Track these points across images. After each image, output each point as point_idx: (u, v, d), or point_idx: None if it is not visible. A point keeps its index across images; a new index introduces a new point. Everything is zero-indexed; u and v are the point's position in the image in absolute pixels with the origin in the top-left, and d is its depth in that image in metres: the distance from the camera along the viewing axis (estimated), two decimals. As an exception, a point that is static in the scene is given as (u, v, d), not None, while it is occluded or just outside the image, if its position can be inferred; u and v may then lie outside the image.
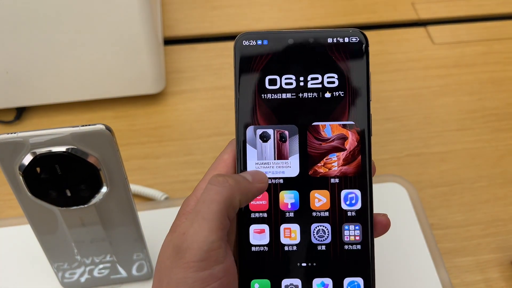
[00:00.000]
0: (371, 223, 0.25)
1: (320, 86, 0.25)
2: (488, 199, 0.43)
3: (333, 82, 0.25)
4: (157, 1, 0.51)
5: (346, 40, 0.25)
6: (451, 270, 0.38)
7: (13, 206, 0.41)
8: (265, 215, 0.25)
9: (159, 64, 0.46)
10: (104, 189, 0.29)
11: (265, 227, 0.25)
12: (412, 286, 0.36)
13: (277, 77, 0.25)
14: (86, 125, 0.26)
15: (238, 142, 0.25)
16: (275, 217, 0.25)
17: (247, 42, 0.25)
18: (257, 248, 0.25)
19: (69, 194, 0.28)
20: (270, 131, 0.25)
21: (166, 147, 0.46)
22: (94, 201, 0.29)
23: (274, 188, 0.25)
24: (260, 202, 0.25)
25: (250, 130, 0.25)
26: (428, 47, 0.55)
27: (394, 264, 0.37)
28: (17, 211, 0.41)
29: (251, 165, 0.25)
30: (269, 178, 0.25)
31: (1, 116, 0.47)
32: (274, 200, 0.25)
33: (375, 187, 0.41)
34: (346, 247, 0.25)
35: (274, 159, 0.25)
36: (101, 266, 0.34)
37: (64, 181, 0.28)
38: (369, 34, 0.64)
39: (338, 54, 0.25)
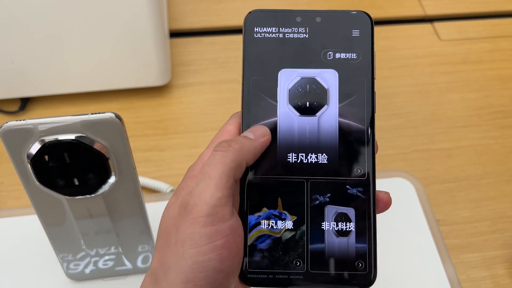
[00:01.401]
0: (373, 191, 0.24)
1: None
2: (495, 196, 0.43)
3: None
4: (163, -7, 0.51)
5: (349, 25, 0.25)
6: (458, 266, 0.38)
7: (17, 197, 0.41)
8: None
9: (165, 56, 0.46)
10: (112, 179, 0.29)
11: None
12: (419, 281, 0.36)
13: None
14: (95, 113, 0.26)
15: (244, 95, 0.24)
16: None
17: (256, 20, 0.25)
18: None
19: (77, 183, 0.28)
20: None
21: (171, 140, 0.45)
22: (101, 190, 0.29)
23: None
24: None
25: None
26: (435, 43, 0.55)
27: (401, 260, 0.37)
28: (21, 201, 0.41)
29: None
30: None
31: (6, 106, 0.47)
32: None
33: (382, 182, 0.41)
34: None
35: None
36: (106, 257, 0.34)
37: (72, 170, 0.28)
38: (375, 29, 0.64)
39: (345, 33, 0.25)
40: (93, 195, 0.29)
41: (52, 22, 0.41)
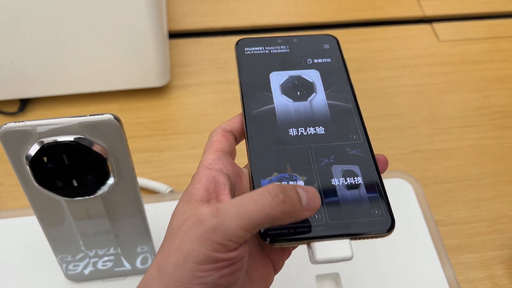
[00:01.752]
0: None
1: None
2: (493, 196, 0.43)
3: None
4: (163, -6, 0.51)
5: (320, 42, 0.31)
6: (456, 267, 0.38)
7: (17, 198, 0.41)
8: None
9: (164, 57, 0.46)
10: (111, 180, 0.29)
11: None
12: (417, 282, 0.36)
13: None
14: (94, 115, 0.26)
15: (243, 91, 0.28)
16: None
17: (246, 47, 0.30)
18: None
19: (75, 184, 0.28)
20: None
21: (171, 141, 0.46)
22: (100, 192, 0.29)
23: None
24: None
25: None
26: (434, 44, 0.55)
27: (399, 260, 0.37)
28: (21, 202, 0.41)
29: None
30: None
31: (5, 107, 0.47)
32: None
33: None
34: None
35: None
36: (105, 258, 0.34)
37: (71, 171, 0.28)
38: (374, 30, 0.64)
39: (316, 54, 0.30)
40: (92, 196, 0.29)
41: (52, 23, 0.41)
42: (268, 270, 0.25)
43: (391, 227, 0.24)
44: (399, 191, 0.41)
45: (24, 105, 0.47)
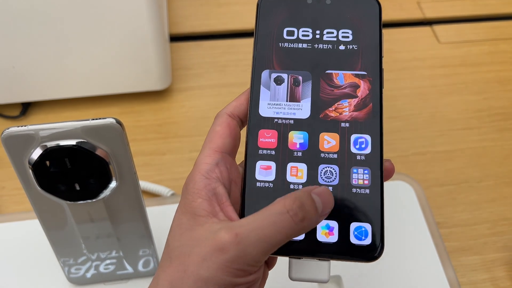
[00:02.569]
0: (381, 169, 0.24)
1: (335, 39, 0.27)
2: (494, 198, 0.43)
3: (348, 37, 0.27)
4: (164, -2, 0.51)
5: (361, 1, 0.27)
6: (458, 269, 0.38)
7: (19, 201, 0.41)
8: (273, 152, 0.25)
9: (165, 60, 0.46)
10: (113, 184, 0.29)
11: (272, 164, 0.25)
12: (419, 284, 0.36)
13: (295, 29, 0.27)
14: (96, 119, 0.26)
15: (254, 84, 0.26)
16: (282, 155, 0.25)
17: None
18: (262, 184, 0.25)
19: (78, 188, 0.28)
20: (285, 75, 0.26)
21: (172, 144, 0.46)
22: (102, 195, 0.29)
23: (284, 128, 0.25)
24: (269, 140, 0.25)
25: (265, 73, 0.26)
26: (434, 46, 0.55)
27: (401, 263, 0.37)
28: (22, 206, 0.41)
29: (263, 105, 0.26)
30: (279, 118, 0.26)
31: (7, 111, 0.47)
32: (283, 139, 0.25)
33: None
34: (354, 190, 0.24)
35: (286, 101, 0.26)
36: (107, 261, 0.34)
37: (74, 175, 0.28)
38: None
39: (354, 13, 0.27)
40: (94, 200, 0.29)
41: (53, 27, 0.41)
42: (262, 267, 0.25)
43: (378, 255, 0.24)
44: (401, 194, 0.41)
45: (26, 108, 0.47)
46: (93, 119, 0.26)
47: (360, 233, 0.24)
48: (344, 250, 0.23)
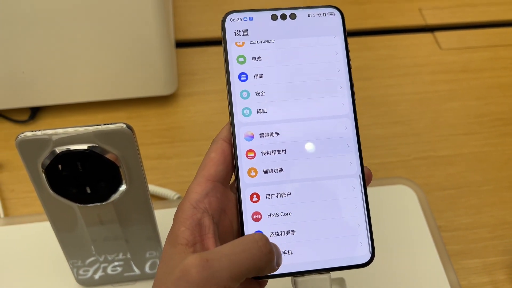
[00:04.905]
0: (363, 175, 0.26)
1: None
2: (495, 202, 0.43)
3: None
4: (170, 4, 0.52)
5: (322, 13, 0.28)
6: (459, 272, 0.39)
7: (28, 204, 0.42)
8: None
9: (172, 66, 0.47)
10: (123, 187, 0.29)
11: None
12: (421, 287, 0.37)
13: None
14: (107, 124, 0.27)
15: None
16: None
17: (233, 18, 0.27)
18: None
19: (89, 191, 0.29)
20: None
21: (178, 148, 0.46)
22: (112, 198, 0.30)
23: None
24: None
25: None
26: (436, 52, 0.56)
27: (403, 266, 0.38)
28: (31, 208, 0.42)
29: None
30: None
31: (16, 115, 0.48)
32: None
33: (383, 189, 0.42)
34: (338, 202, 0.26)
35: None
36: (115, 263, 0.35)
37: (85, 179, 0.28)
38: (377, 39, 0.65)
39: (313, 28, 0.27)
40: (104, 203, 0.30)
41: (62, 33, 0.42)
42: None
43: (371, 259, 0.25)
44: (402, 198, 0.42)
45: (34, 113, 0.48)
46: (105, 124, 0.27)
47: (349, 243, 0.25)
48: (340, 261, 0.25)
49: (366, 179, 0.26)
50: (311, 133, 0.26)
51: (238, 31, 0.27)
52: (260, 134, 0.26)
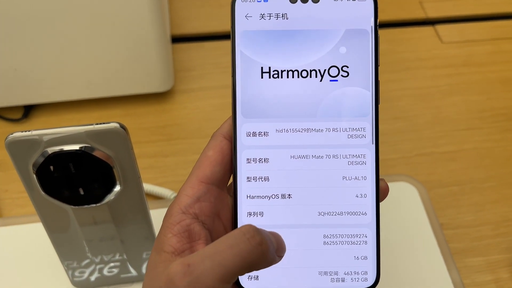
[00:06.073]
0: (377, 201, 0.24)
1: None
2: (498, 199, 0.43)
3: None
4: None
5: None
6: (462, 270, 0.38)
7: (22, 205, 0.41)
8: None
9: (168, 62, 0.46)
10: (117, 188, 0.29)
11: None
12: (423, 286, 0.36)
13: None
14: (100, 123, 0.26)
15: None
16: None
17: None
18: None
19: (82, 192, 0.28)
20: None
21: (175, 146, 0.46)
22: (107, 199, 0.29)
23: None
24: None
25: None
26: (437, 46, 0.55)
27: (405, 264, 0.37)
28: (25, 209, 0.41)
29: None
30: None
31: (9, 114, 0.47)
32: None
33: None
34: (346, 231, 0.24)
35: None
36: (111, 264, 0.34)
37: (78, 180, 0.28)
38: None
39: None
40: (98, 204, 0.29)
41: (55, 29, 0.41)
42: None
43: (373, 285, 0.24)
44: (404, 195, 0.41)
45: (28, 111, 0.47)
46: (97, 124, 0.26)
47: (356, 271, 0.24)
48: (340, 279, 0.24)
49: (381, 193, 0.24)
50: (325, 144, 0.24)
51: (249, 15, 0.23)
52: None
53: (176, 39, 0.54)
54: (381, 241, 0.25)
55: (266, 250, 0.20)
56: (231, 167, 0.24)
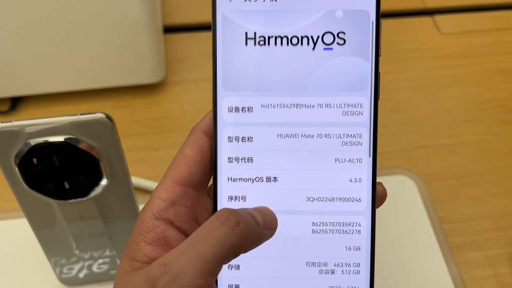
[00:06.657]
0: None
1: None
2: (498, 193, 0.42)
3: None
4: (157, -12, 0.50)
5: None
6: (461, 265, 0.37)
7: (8, 199, 0.40)
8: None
9: (159, 52, 0.45)
10: (104, 181, 0.28)
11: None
12: (422, 281, 0.35)
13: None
14: (85, 114, 0.25)
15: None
16: None
17: None
18: None
19: (67, 186, 0.27)
20: None
21: (167, 139, 0.44)
22: (93, 193, 0.28)
23: None
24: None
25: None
26: (435, 37, 0.54)
27: (403, 259, 0.36)
28: (12, 204, 0.40)
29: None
30: None
31: (-5, 106, 0.46)
32: None
33: (382, 180, 0.40)
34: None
35: None
36: (100, 261, 0.33)
37: (62, 173, 0.26)
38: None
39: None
40: (84, 199, 0.28)
41: (42, 18, 0.40)
42: None
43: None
44: (402, 189, 0.40)
45: (15, 103, 0.46)
46: (82, 114, 0.25)
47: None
48: None
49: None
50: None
51: None
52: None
53: (168, 29, 0.53)
54: (379, 236, 0.23)
55: (246, 230, 0.18)
56: (211, 167, 0.22)
